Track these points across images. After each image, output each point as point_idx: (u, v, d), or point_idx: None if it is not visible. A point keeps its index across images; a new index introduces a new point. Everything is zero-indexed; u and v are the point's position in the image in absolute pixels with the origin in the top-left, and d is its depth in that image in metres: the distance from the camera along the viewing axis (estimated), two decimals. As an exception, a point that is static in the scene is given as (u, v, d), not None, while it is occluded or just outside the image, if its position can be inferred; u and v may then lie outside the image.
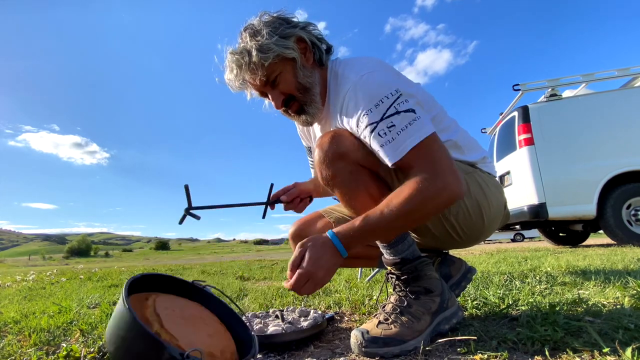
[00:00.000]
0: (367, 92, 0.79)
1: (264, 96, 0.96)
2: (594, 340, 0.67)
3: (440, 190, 0.73)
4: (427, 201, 0.73)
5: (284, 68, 0.88)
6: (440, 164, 0.75)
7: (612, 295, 1.08)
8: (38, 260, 59.48)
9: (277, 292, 1.72)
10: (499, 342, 0.74)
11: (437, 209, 0.76)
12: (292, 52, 0.87)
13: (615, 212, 3.88)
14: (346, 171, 0.85)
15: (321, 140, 0.87)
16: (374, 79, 0.81)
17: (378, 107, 0.77)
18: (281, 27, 0.87)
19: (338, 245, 0.75)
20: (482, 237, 1.02)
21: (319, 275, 0.73)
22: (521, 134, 4.26)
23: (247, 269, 3.66)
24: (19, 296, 2.22)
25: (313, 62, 0.93)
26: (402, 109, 0.76)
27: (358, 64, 0.87)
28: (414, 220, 0.77)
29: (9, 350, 0.93)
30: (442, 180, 0.73)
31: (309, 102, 0.92)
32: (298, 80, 0.89)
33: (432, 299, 0.86)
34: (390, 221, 0.73)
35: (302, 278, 0.73)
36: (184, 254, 62.64)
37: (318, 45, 0.92)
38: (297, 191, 1.21)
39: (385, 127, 0.77)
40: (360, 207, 0.86)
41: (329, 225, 1.16)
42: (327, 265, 0.74)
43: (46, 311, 1.44)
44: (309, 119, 0.95)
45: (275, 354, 0.84)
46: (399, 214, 0.73)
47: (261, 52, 0.84)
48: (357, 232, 0.75)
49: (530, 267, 2.07)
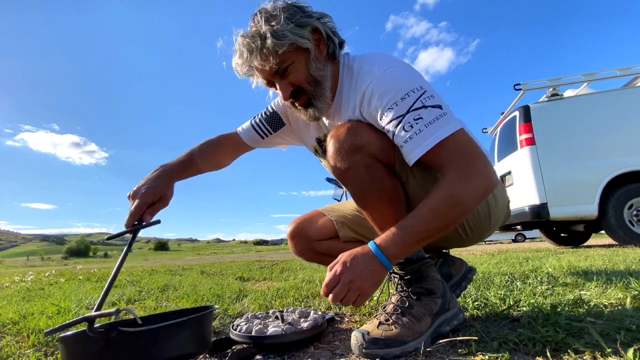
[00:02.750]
0: (393, 86, 0.77)
1: (270, 85, 0.91)
2: (596, 341, 0.67)
3: (478, 184, 0.71)
4: (466, 196, 0.70)
5: (297, 58, 0.84)
6: (474, 156, 0.74)
7: (614, 296, 1.08)
8: (37, 260, 59.56)
9: (277, 292, 1.71)
10: (500, 343, 0.73)
11: (475, 203, 0.73)
12: (307, 42, 0.83)
13: (617, 212, 3.87)
14: (362, 164, 0.82)
15: (337, 131, 0.84)
16: (398, 73, 0.80)
17: (404, 100, 0.75)
18: (297, 14, 0.83)
19: (380, 255, 0.71)
20: (485, 236, 1.01)
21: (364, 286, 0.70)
22: (522, 134, 4.25)
23: (246, 269, 3.66)
24: (18, 297, 2.21)
25: (326, 55, 0.89)
26: (429, 104, 0.75)
27: (378, 59, 0.85)
28: (455, 219, 0.73)
29: (8, 352, 0.93)
30: (478, 173, 0.72)
31: (319, 95, 0.88)
32: (310, 72, 0.85)
33: (433, 300, 0.85)
34: (431, 223, 0.70)
35: (344, 288, 0.70)
36: (184, 255, 62.69)
37: (332, 38, 0.89)
38: (146, 201, 0.93)
39: (412, 120, 0.74)
40: (372, 203, 0.84)
41: (328, 223, 1.15)
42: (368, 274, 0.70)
43: (45, 312, 1.43)
44: (316, 114, 0.90)
45: (275, 355, 0.83)
46: (439, 215, 0.70)
47: (276, 39, 0.79)
48: (397, 238, 0.71)
49: (531, 267, 2.06)
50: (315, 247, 1.14)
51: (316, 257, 1.17)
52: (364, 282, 0.70)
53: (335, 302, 0.71)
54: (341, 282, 0.70)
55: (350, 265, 0.71)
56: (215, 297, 1.71)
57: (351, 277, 0.69)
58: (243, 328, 0.91)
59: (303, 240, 1.15)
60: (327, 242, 1.14)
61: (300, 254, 1.18)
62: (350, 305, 0.71)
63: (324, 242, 1.14)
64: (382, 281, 0.74)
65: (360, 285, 0.70)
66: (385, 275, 0.73)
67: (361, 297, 0.71)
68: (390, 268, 0.72)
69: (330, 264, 0.74)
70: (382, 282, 0.77)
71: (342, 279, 0.70)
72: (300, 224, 1.16)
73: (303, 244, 1.15)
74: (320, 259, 1.18)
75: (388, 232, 0.73)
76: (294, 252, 1.18)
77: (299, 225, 1.17)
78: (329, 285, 0.71)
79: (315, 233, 1.14)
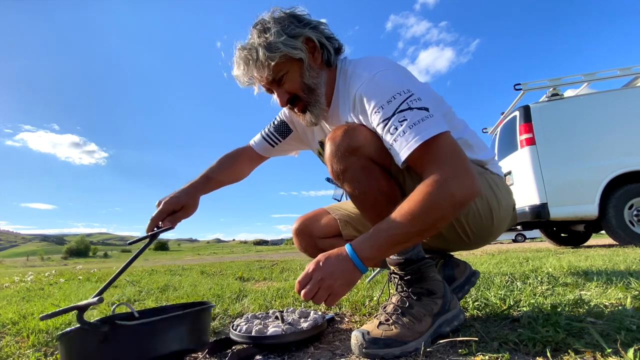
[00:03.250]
0: (380, 89, 0.79)
1: (270, 92, 0.95)
2: (596, 341, 0.67)
3: (456, 190, 0.69)
4: (442, 202, 0.69)
5: (291, 68, 0.88)
6: (455, 162, 0.72)
7: (614, 296, 1.07)
8: (36, 260, 59.55)
9: (277, 292, 1.71)
10: (500, 343, 0.73)
11: (453, 210, 0.71)
12: (300, 52, 0.86)
13: (617, 212, 3.86)
14: (358, 166, 0.83)
15: (334, 134, 0.85)
16: (386, 76, 0.81)
17: (390, 103, 0.76)
18: (291, 25, 0.86)
19: (354, 257, 0.72)
20: (489, 239, 1.01)
21: (334, 285, 0.71)
22: (522, 134, 4.24)
23: (246, 269, 3.66)
24: (17, 297, 2.21)
25: (321, 63, 0.92)
26: (415, 106, 0.75)
27: (370, 63, 0.86)
28: (432, 225, 0.71)
29: (7, 352, 0.93)
30: (457, 179, 0.70)
31: (313, 102, 0.92)
32: (304, 81, 0.89)
33: (434, 300, 0.85)
34: (406, 227, 0.69)
35: (315, 286, 0.71)
36: (183, 255, 62.67)
37: (327, 45, 0.91)
38: (167, 209, 1.04)
39: (397, 122, 0.75)
40: (369, 204, 0.85)
41: (332, 222, 1.17)
42: (339, 274, 0.71)
43: (44, 312, 1.43)
44: (313, 119, 0.94)
45: (275, 355, 0.83)
46: (415, 219, 0.69)
47: (268, 51, 0.83)
48: (372, 241, 0.72)
49: (531, 267, 2.06)
50: (319, 245, 1.17)
51: (320, 254, 1.19)
52: (334, 281, 0.71)
53: (306, 300, 0.73)
54: (312, 280, 0.72)
55: (323, 264, 0.73)
56: (215, 297, 1.71)
57: (322, 276, 0.71)
58: (243, 328, 0.91)
59: (307, 237, 1.18)
60: (330, 240, 1.16)
61: (305, 250, 1.21)
62: (322, 304, 0.73)
63: (327, 240, 1.17)
64: (355, 283, 0.75)
65: (330, 284, 0.71)
66: (359, 277, 0.74)
67: (332, 296, 0.72)
68: (364, 270, 0.73)
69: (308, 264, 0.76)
70: (356, 283, 0.79)
71: (314, 277, 0.72)
72: (305, 222, 1.19)
73: (307, 241, 1.18)
74: None
75: (365, 234, 0.74)
76: (299, 249, 1.21)
77: (303, 222, 1.19)
78: (301, 283, 0.73)
79: (319, 231, 1.17)
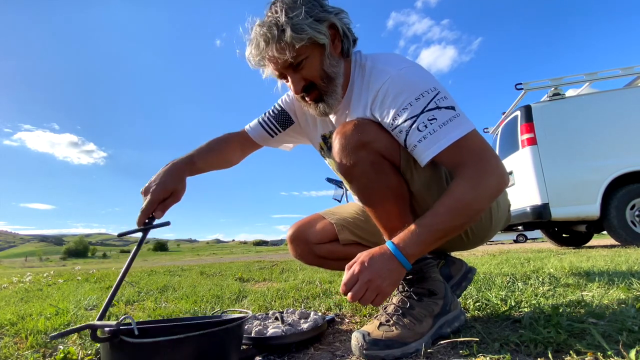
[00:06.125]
0: (408, 86, 0.78)
1: (281, 77, 0.89)
2: (598, 342, 0.66)
3: (493, 182, 0.73)
4: (482, 194, 0.73)
5: (312, 53, 0.83)
6: (487, 155, 0.75)
7: (616, 297, 1.07)
8: (35, 261, 59.61)
9: (277, 293, 1.71)
10: (502, 344, 0.73)
11: (490, 201, 0.76)
12: (324, 38, 0.82)
13: (619, 212, 3.85)
14: (367, 161, 0.82)
15: (344, 128, 0.84)
16: (413, 73, 0.80)
17: (419, 100, 0.76)
18: (316, 9, 0.82)
19: (398, 255, 0.72)
20: (486, 239, 1.02)
21: (382, 285, 0.70)
22: (524, 134, 4.23)
23: (246, 270, 3.65)
24: (16, 298, 2.21)
25: (339, 52, 0.89)
26: (442, 105, 0.76)
27: (391, 59, 0.86)
28: (472, 217, 0.75)
29: (6, 353, 0.92)
30: (491, 173, 0.74)
31: (330, 92, 0.87)
32: (323, 68, 0.85)
33: (435, 301, 0.85)
34: (449, 222, 0.72)
35: (362, 287, 0.70)
36: (183, 255, 62.71)
37: (348, 35, 0.89)
38: (157, 198, 0.89)
39: (426, 120, 0.75)
40: (377, 200, 0.84)
41: (328, 227, 1.13)
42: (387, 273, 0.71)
43: (43, 313, 1.43)
44: (326, 110, 0.89)
45: (275, 356, 0.83)
46: (457, 213, 0.72)
47: (295, 32, 0.78)
48: (415, 237, 0.72)
49: (533, 268, 2.05)
50: (315, 251, 1.13)
51: (316, 260, 1.17)
52: (382, 281, 0.70)
53: (354, 301, 0.72)
54: (360, 281, 0.70)
55: (368, 264, 0.72)
56: (215, 298, 1.70)
57: (369, 277, 0.70)
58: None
59: (303, 243, 1.14)
60: (327, 246, 1.13)
61: (300, 257, 1.17)
62: (369, 304, 0.72)
63: (323, 246, 1.13)
64: (400, 280, 0.75)
65: (378, 284, 0.70)
66: (404, 274, 0.74)
67: (380, 296, 0.71)
68: (409, 267, 0.73)
69: (349, 264, 0.74)
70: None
71: (361, 278, 0.70)
72: (300, 228, 1.15)
73: (303, 247, 1.15)
74: (320, 262, 1.17)
75: (405, 231, 0.74)
76: (294, 256, 1.17)
77: (298, 229, 1.16)
78: (348, 284, 0.71)
79: (315, 236, 1.13)
